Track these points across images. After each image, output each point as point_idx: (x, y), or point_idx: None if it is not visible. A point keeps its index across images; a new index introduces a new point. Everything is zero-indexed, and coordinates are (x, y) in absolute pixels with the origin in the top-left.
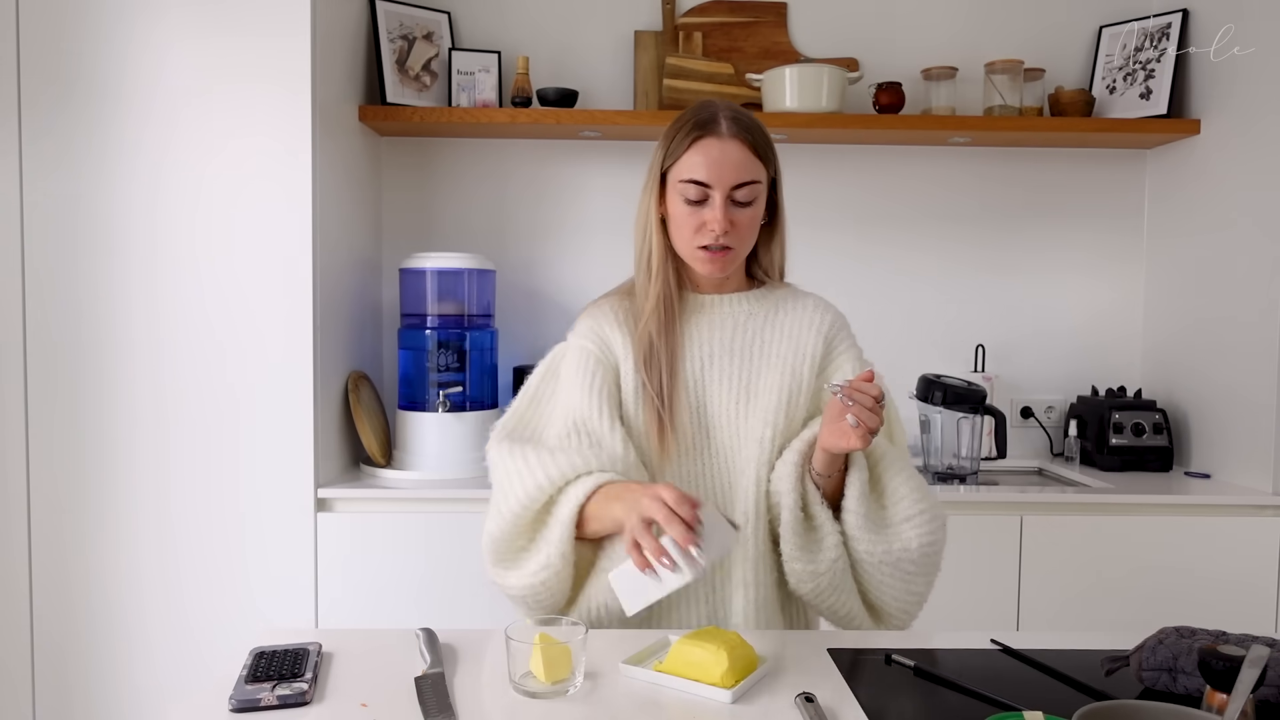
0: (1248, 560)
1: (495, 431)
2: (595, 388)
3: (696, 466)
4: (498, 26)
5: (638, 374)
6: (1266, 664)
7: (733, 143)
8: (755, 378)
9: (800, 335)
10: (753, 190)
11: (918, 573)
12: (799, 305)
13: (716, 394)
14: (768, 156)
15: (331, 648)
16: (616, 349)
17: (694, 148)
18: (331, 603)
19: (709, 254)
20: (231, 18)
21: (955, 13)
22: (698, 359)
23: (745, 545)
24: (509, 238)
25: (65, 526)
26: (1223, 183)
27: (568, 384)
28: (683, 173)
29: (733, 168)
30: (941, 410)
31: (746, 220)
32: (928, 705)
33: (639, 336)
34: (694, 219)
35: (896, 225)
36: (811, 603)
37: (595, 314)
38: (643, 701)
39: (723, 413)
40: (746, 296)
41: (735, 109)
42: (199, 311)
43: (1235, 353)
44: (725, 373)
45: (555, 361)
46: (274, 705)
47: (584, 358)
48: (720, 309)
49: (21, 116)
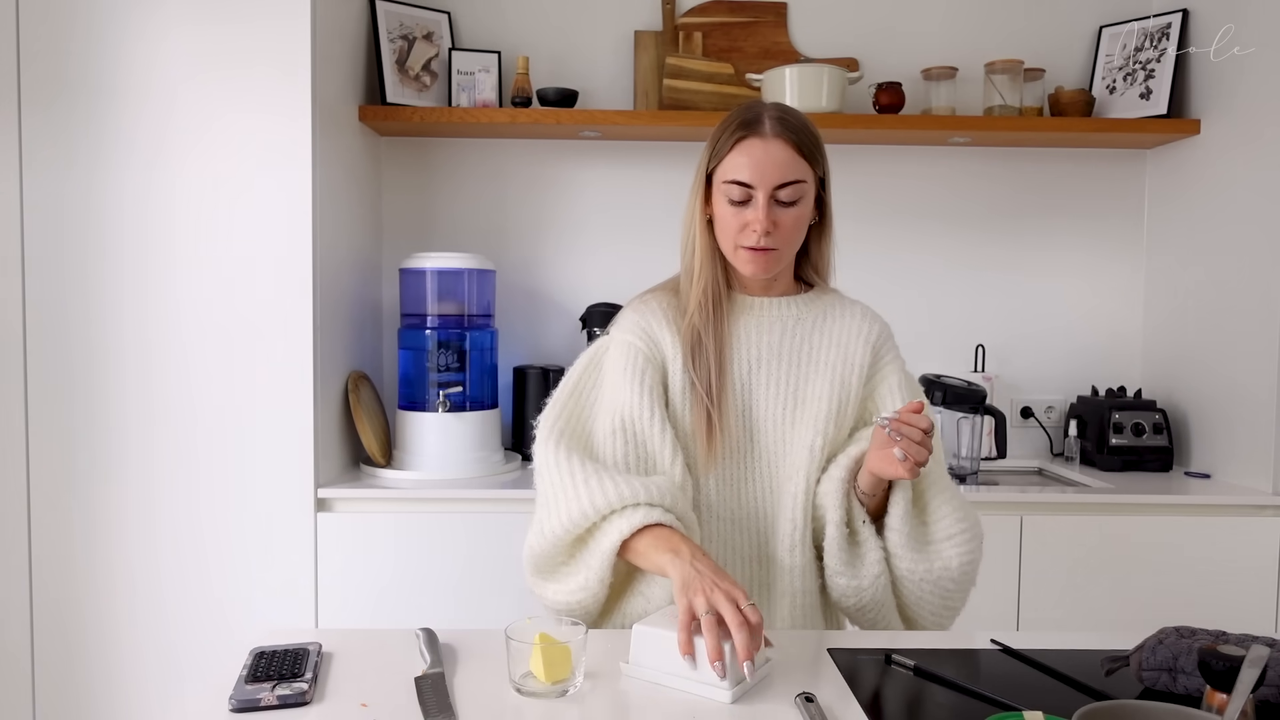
0: (1248, 560)
1: (541, 428)
2: (644, 385)
3: (740, 470)
4: (498, 26)
5: (686, 372)
6: (1266, 664)
7: (776, 142)
8: (803, 384)
9: (849, 344)
10: (796, 190)
11: (956, 590)
12: (847, 313)
13: (764, 398)
14: (814, 157)
15: (331, 648)
16: (665, 347)
17: (738, 148)
18: (331, 603)
19: (752, 253)
20: (231, 17)
21: (955, 13)
22: (745, 361)
23: (791, 554)
24: (509, 238)
25: (65, 526)
26: (1223, 183)
27: (614, 380)
28: (727, 173)
29: (775, 168)
30: (941, 410)
31: (791, 221)
32: (928, 705)
33: (685, 333)
34: (738, 219)
35: (896, 225)
36: (853, 616)
37: (642, 310)
38: (643, 701)
39: (769, 417)
40: (795, 300)
41: (783, 108)
42: (199, 311)
43: (1235, 352)
44: (773, 376)
45: (599, 355)
46: (274, 705)
47: (631, 354)
48: (768, 311)
49: (21, 117)
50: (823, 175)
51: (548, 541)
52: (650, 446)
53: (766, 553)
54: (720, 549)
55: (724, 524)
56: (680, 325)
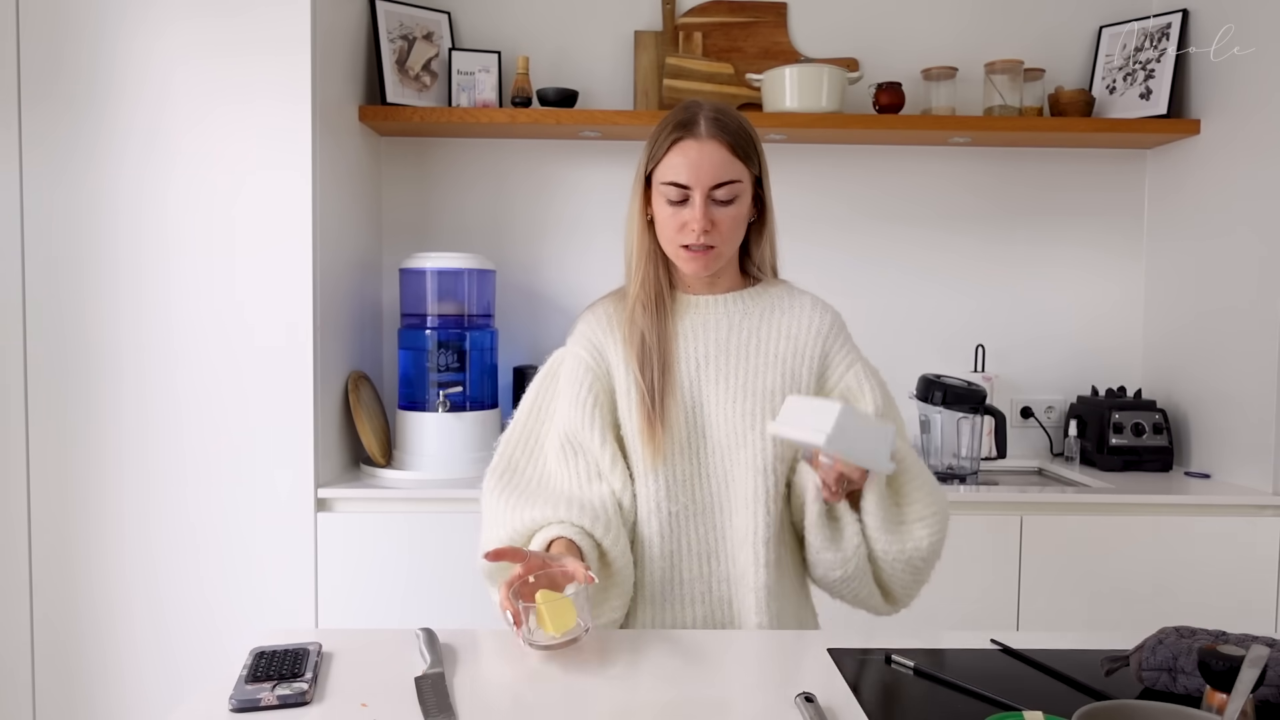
0: (1248, 560)
1: (490, 469)
2: (585, 399)
3: (692, 467)
4: (498, 26)
5: (629, 373)
6: (1266, 664)
7: (711, 144)
8: (754, 377)
9: (798, 335)
10: (732, 190)
11: (925, 566)
12: (796, 304)
13: (713, 394)
14: (749, 156)
15: (331, 648)
16: (609, 353)
17: (674, 150)
18: (331, 603)
19: (691, 253)
20: (231, 18)
21: (955, 13)
22: (692, 359)
23: (753, 548)
24: (509, 238)
25: (65, 526)
26: (1223, 183)
27: (564, 394)
28: (664, 175)
29: (711, 168)
30: (941, 410)
31: (728, 220)
32: (928, 705)
33: (630, 334)
34: (676, 219)
35: (896, 225)
36: (837, 589)
37: (590, 319)
38: (642, 702)
39: (719, 413)
40: (740, 296)
41: (718, 108)
42: (200, 311)
43: (1235, 352)
44: (721, 372)
45: (554, 367)
46: (274, 705)
47: (577, 367)
48: (713, 309)
49: (21, 117)
50: (759, 174)
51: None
52: (595, 457)
53: (725, 549)
54: (675, 546)
55: (679, 520)
56: (624, 328)
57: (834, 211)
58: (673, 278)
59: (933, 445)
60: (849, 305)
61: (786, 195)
